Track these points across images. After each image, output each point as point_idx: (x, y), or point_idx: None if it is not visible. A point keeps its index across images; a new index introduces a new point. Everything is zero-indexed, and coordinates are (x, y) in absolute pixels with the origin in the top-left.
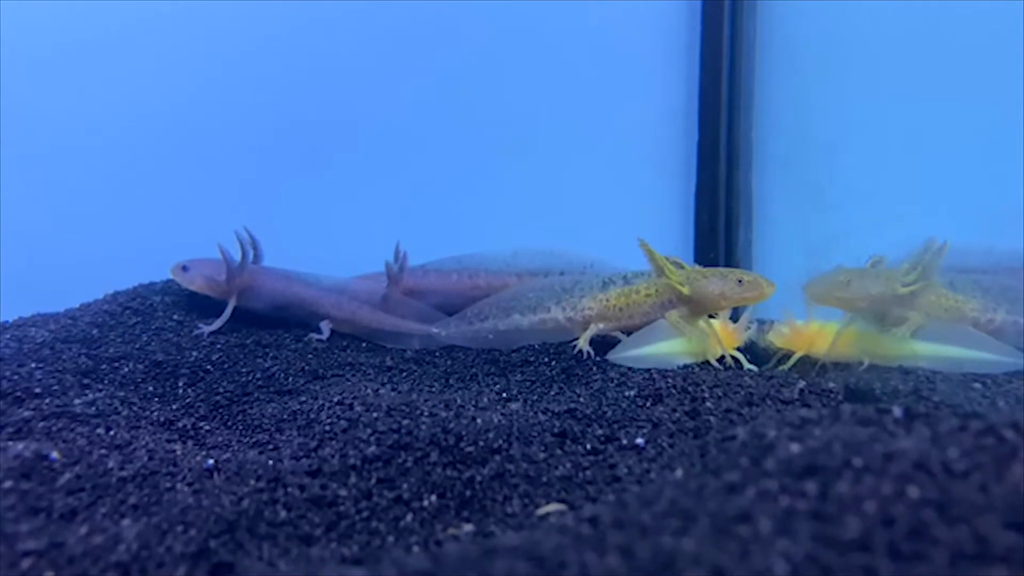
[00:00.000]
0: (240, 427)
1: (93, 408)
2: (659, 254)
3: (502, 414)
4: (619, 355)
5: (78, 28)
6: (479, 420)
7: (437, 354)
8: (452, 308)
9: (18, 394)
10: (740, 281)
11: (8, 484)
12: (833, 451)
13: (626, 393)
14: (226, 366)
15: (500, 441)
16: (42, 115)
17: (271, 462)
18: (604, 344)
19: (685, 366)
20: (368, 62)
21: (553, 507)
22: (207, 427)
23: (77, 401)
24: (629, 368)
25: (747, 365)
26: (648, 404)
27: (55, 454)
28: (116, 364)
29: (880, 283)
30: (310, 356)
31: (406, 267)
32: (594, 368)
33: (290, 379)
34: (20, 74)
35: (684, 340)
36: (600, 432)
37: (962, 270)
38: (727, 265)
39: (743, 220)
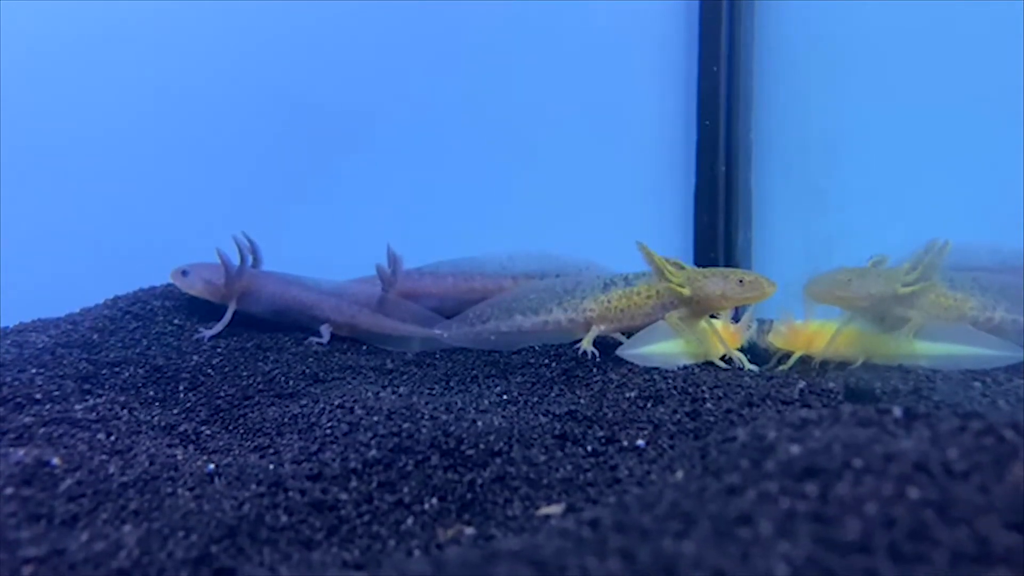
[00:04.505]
0: (241, 431)
1: (94, 413)
2: (659, 256)
3: (503, 416)
4: (625, 352)
5: (78, 30)
6: (480, 423)
7: (437, 356)
8: (447, 311)
9: (19, 400)
10: (741, 281)
11: (9, 491)
12: (833, 452)
13: (626, 395)
14: (226, 370)
15: (501, 444)
16: (42, 118)
17: (272, 466)
18: (606, 345)
19: (685, 367)
20: (365, 65)
21: (554, 508)
22: (208, 431)
23: (78, 406)
24: (629, 369)
25: (747, 365)
26: (648, 405)
27: (56, 460)
28: (116, 369)
29: (881, 282)
30: (310, 359)
31: (399, 270)
32: (594, 370)
33: (290, 383)
34: (20, 77)
35: (685, 340)
36: (601, 434)
37: (969, 269)
38: (727, 265)
39: (743, 220)
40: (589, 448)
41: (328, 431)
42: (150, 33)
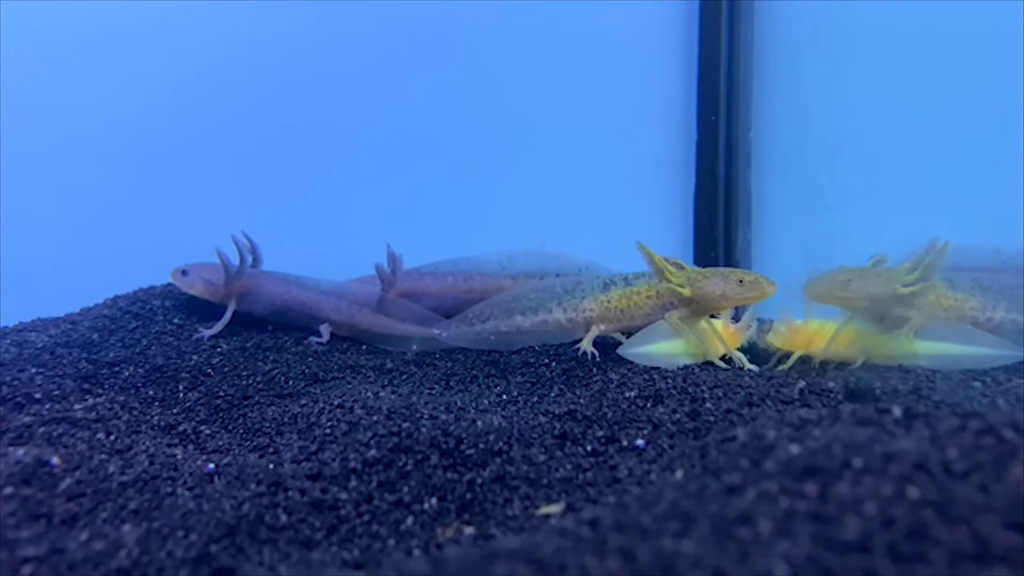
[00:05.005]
0: (240, 431)
1: (93, 413)
2: (658, 256)
3: (502, 416)
4: (626, 352)
5: (78, 30)
6: (479, 422)
7: (437, 356)
8: (447, 311)
9: (18, 399)
10: (741, 281)
11: (8, 490)
12: (833, 452)
13: (626, 394)
14: (226, 370)
15: (501, 443)
16: (42, 118)
17: (272, 466)
18: (606, 345)
19: (685, 366)
20: (364, 65)
21: (554, 508)
22: (207, 431)
23: (77, 406)
24: (629, 369)
25: (747, 365)
26: (648, 405)
27: (55, 459)
28: (116, 369)
29: (881, 283)
30: (310, 359)
31: (399, 270)
32: (594, 370)
33: (290, 382)
34: (20, 76)
35: (685, 340)
36: (600, 434)
37: (969, 269)
38: (727, 265)
39: (743, 220)
40: (589, 448)
41: (328, 431)
42: (150, 34)
